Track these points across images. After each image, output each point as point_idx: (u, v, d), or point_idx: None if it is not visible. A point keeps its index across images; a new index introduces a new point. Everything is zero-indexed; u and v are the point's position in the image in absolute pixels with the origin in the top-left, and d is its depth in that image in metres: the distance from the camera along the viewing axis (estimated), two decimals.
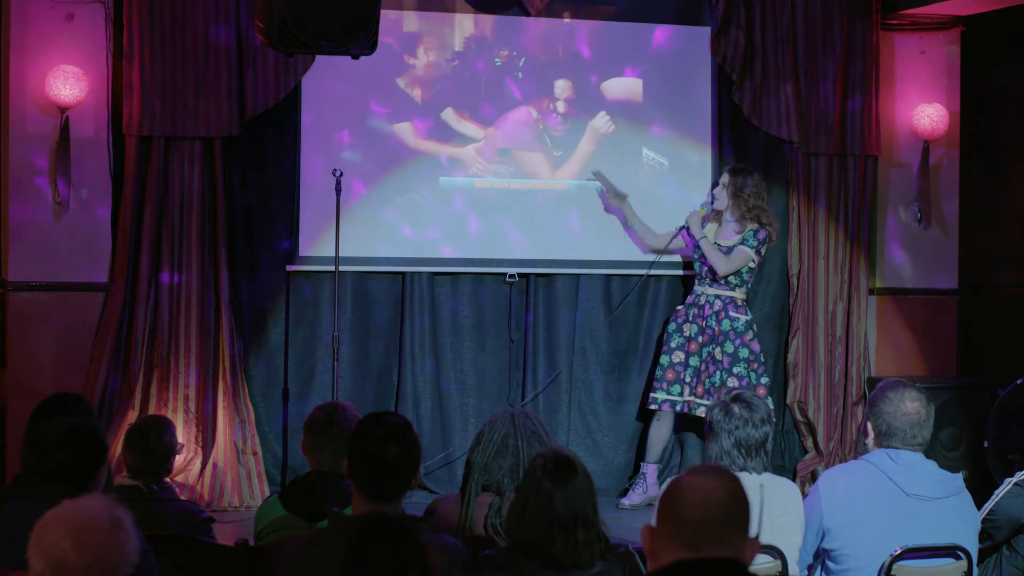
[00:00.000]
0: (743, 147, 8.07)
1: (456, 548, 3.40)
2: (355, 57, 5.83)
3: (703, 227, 7.49)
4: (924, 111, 8.28)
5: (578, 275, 7.84)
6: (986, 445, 7.44)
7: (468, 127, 7.74)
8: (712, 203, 7.54)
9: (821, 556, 4.16)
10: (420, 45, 7.67)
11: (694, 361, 7.39)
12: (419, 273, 7.59)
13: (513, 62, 7.80)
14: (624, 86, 7.95)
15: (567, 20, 7.87)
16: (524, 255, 7.76)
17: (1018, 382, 7.34)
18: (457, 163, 7.70)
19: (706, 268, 7.45)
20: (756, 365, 7.41)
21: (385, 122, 7.61)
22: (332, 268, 7.17)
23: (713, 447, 4.05)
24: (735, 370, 7.31)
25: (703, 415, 7.19)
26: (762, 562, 3.87)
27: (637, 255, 7.88)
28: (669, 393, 7.41)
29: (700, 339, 7.39)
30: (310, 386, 7.50)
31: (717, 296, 7.41)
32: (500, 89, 7.77)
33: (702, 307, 7.43)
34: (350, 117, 7.56)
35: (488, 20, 7.74)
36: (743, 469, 4.00)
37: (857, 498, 4.08)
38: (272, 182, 7.46)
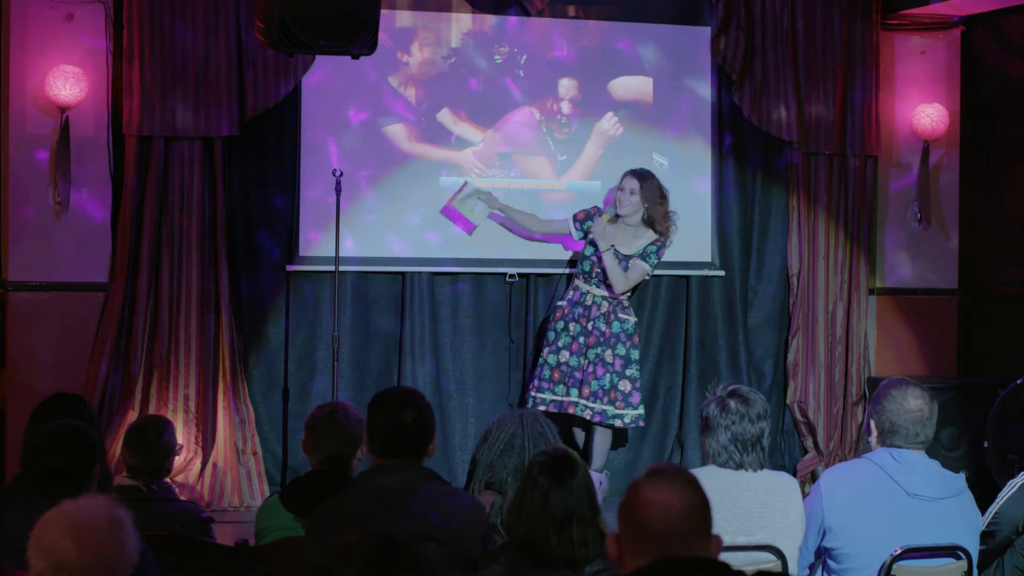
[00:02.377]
0: (743, 147, 8.08)
1: (473, 497, 3.48)
2: (355, 57, 5.83)
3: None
4: (924, 111, 8.29)
5: None
6: (986, 445, 7.44)
7: (466, 129, 7.70)
8: (617, 209, 7.18)
9: (822, 555, 4.15)
10: (414, 41, 7.62)
11: (574, 361, 7.13)
12: (419, 273, 7.58)
13: (514, 60, 7.76)
14: (634, 85, 7.92)
15: (568, 19, 7.86)
16: (524, 255, 7.75)
17: (1018, 382, 7.34)
18: (456, 167, 7.68)
19: (597, 269, 7.16)
20: (639, 370, 7.24)
21: (384, 122, 7.61)
22: (332, 268, 7.17)
23: (710, 443, 4.04)
24: (627, 372, 7.12)
25: (589, 417, 7.09)
26: (762, 562, 3.87)
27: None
28: (555, 393, 7.16)
29: (583, 340, 7.13)
30: (310, 386, 7.50)
31: (605, 298, 7.15)
32: (500, 89, 7.76)
33: (588, 307, 7.16)
34: (350, 117, 7.55)
35: (487, 18, 7.73)
36: (740, 466, 3.99)
37: (858, 497, 4.07)
38: (272, 182, 7.46)
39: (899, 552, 3.95)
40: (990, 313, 8.44)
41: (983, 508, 4.38)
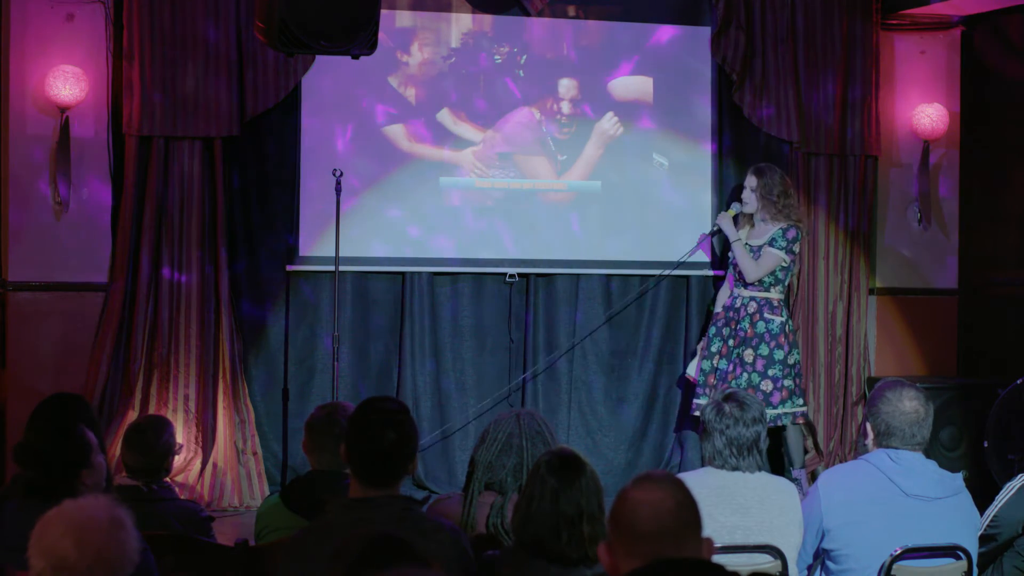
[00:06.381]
0: (743, 147, 8.07)
1: (454, 529, 3.40)
2: (355, 57, 5.84)
3: (737, 229, 7.38)
4: (924, 111, 8.29)
5: (578, 275, 7.84)
6: (986, 445, 7.44)
7: (465, 129, 7.71)
8: (742, 207, 7.39)
9: (821, 556, 4.16)
10: (414, 41, 7.63)
11: (722, 364, 7.24)
12: (419, 273, 7.59)
13: (514, 60, 7.76)
14: (634, 85, 7.92)
15: (568, 19, 7.86)
16: (524, 255, 7.75)
17: (1018, 382, 7.33)
18: (455, 167, 7.69)
19: (738, 271, 7.33)
20: (788, 369, 7.19)
21: (384, 122, 7.61)
22: (332, 268, 7.17)
23: (706, 447, 4.07)
24: (770, 372, 7.14)
25: None
26: (762, 562, 3.87)
27: (637, 255, 7.88)
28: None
29: (731, 342, 7.25)
30: (310, 386, 7.50)
31: (752, 298, 7.24)
32: (500, 89, 7.76)
33: (738, 310, 7.27)
34: (350, 117, 7.56)
35: (487, 18, 7.73)
36: (735, 469, 4.01)
37: (856, 498, 4.07)
38: (272, 182, 7.46)
39: (899, 552, 3.95)
40: (990, 313, 8.44)
41: (982, 509, 4.38)
